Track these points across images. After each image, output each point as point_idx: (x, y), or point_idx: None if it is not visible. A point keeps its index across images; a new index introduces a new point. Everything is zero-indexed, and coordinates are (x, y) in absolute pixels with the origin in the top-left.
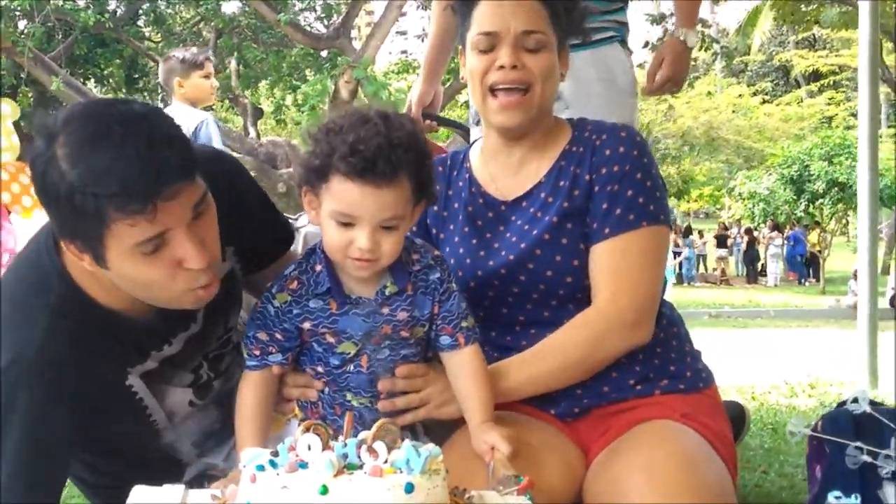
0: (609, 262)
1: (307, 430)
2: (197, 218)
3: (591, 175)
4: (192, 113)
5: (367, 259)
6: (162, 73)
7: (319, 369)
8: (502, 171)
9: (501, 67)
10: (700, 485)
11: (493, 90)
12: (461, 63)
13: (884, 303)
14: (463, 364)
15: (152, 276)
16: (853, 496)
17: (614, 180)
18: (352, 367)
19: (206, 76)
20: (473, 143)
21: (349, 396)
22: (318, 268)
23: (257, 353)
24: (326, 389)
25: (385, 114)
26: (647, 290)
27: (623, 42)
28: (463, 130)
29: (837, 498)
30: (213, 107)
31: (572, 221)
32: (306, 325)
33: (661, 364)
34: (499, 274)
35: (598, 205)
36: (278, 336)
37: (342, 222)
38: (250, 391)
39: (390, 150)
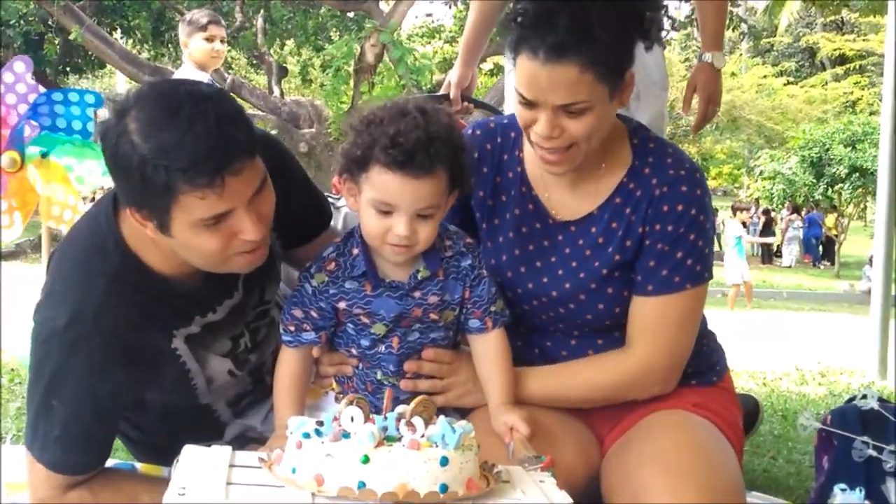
0: (647, 319)
1: (350, 403)
2: (257, 194)
3: (645, 227)
4: (196, 75)
5: (405, 245)
6: (180, 34)
7: (353, 351)
8: (555, 180)
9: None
10: (711, 470)
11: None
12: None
13: None
14: (488, 347)
15: (210, 244)
16: (857, 489)
17: (667, 240)
18: (383, 348)
19: (209, 39)
20: None
21: (379, 375)
22: (356, 251)
23: (292, 328)
24: (360, 366)
25: (423, 107)
26: (682, 349)
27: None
28: (497, 114)
29: (843, 490)
30: (232, 65)
31: (620, 271)
32: (342, 305)
33: None
34: (540, 300)
35: (645, 259)
36: (313, 314)
37: (381, 210)
38: (287, 366)
39: (429, 142)
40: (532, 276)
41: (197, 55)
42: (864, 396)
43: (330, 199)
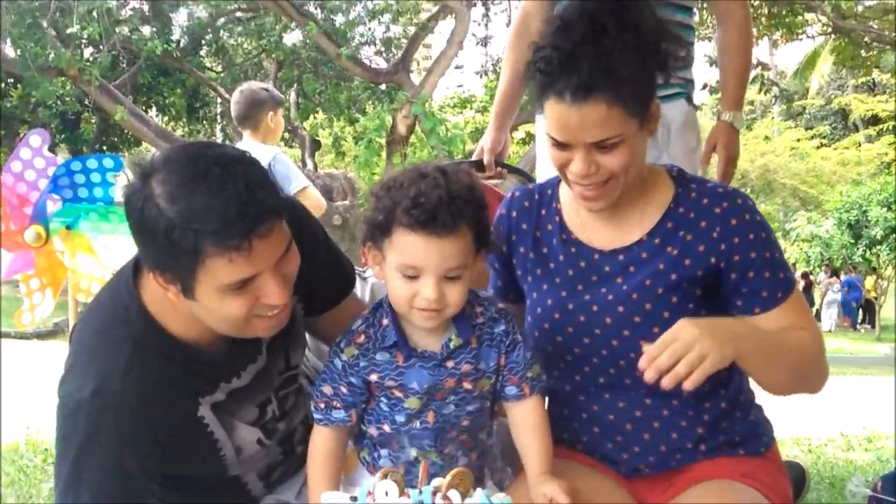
0: (790, 318)
1: (384, 476)
2: (282, 256)
3: (721, 245)
4: (263, 149)
5: (434, 309)
6: (245, 106)
7: (386, 428)
8: (594, 219)
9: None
10: None
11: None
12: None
13: None
14: (526, 414)
15: (234, 308)
16: None
17: (759, 248)
18: (418, 424)
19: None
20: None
21: (415, 453)
22: (385, 322)
23: (322, 405)
24: (387, 451)
25: (442, 168)
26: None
27: (689, 98)
28: (530, 181)
29: None
30: None
31: (678, 294)
32: (373, 378)
33: (727, 429)
34: (592, 333)
35: (757, 273)
36: (343, 389)
37: (407, 275)
38: (320, 444)
39: (450, 201)
40: (582, 310)
41: (276, 129)
42: None
43: (357, 271)
